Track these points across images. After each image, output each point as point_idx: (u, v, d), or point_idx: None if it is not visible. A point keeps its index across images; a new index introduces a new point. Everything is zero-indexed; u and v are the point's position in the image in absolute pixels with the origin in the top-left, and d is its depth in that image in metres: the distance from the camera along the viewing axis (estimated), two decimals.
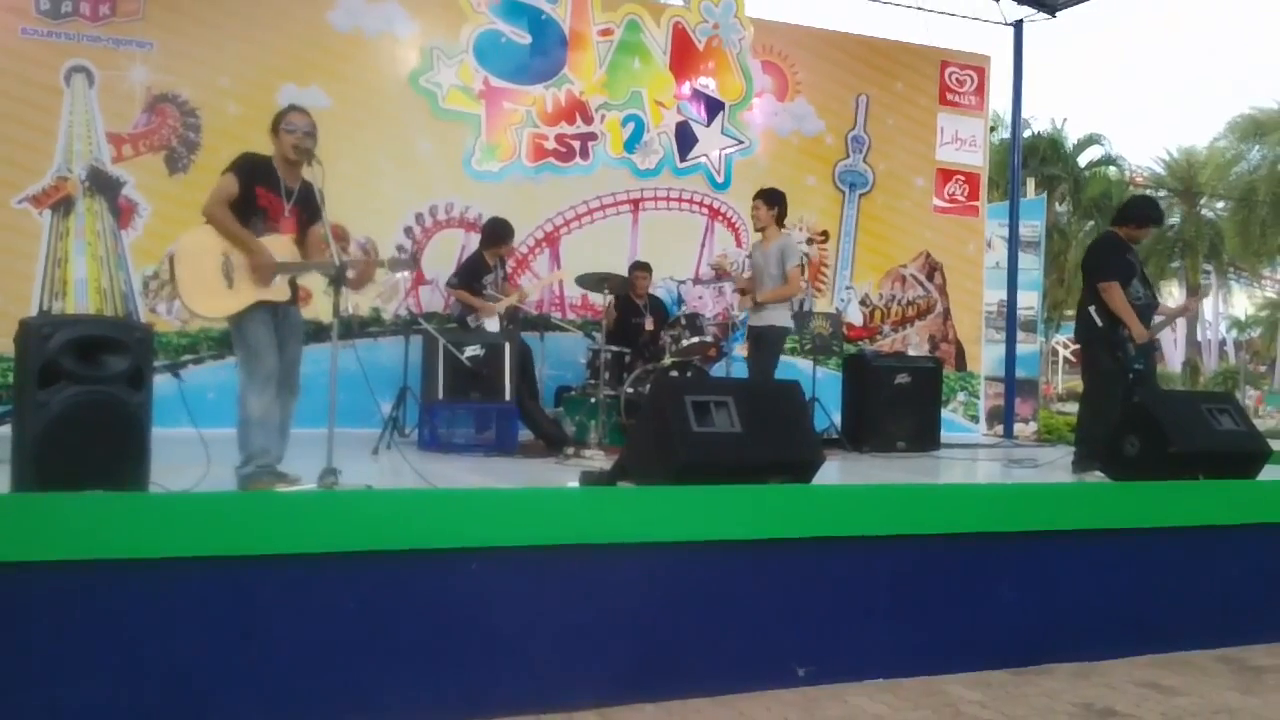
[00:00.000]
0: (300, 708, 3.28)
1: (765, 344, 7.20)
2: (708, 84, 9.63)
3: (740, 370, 8.81)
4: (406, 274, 6.61)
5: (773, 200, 7.32)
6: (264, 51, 8.08)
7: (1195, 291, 31.73)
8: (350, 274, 4.74)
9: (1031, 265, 12.21)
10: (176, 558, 3.12)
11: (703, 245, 9.56)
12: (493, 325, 7.33)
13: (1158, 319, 6.69)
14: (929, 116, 10.48)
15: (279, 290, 4.64)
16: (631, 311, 8.18)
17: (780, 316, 7.24)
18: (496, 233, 7.76)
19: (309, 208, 4.73)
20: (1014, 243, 10.90)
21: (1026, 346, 11.85)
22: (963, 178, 10.58)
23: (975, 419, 10.71)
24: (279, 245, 4.66)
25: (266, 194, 4.66)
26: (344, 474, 4.32)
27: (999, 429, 10.86)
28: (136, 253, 7.73)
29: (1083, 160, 32.32)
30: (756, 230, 7.53)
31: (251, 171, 4.66)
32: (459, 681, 3.47)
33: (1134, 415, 5.55)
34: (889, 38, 10.44)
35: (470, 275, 7.63)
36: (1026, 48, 10.74)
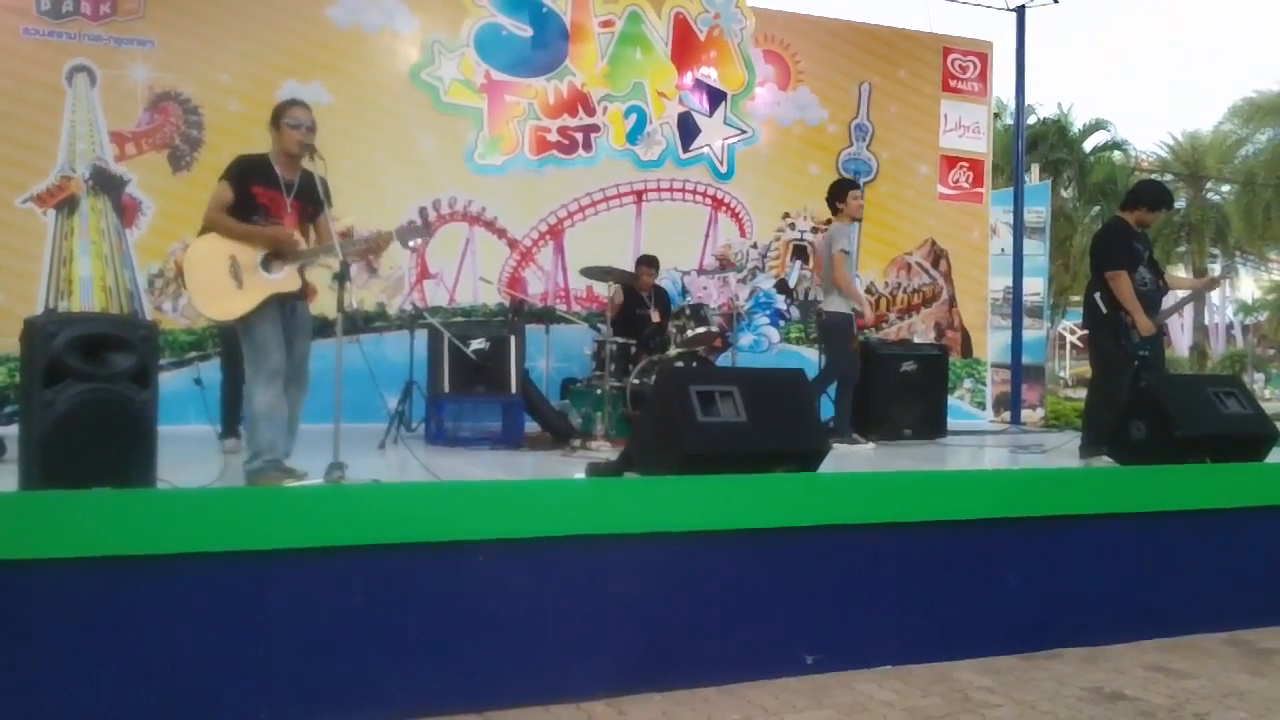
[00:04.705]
0: (310, 701, 3.30)
1: None
2: (709, 74, 9.60)
3: (742, 360, 8.80)
4: (419, 240, 6.03)
5: None
6: (265, 48, 8.08)
7: (1203, 275, 31.63)
8: (362, 247, 4.86)
9: (1037, 251, 12.18)
10: (184, 554, 3.13)
11: (706, 236, 9.54)
12: None
13: (1179, 295, 6.66)
14: (932, 104, 10.44)
15: (290, 281, 4.64)
16: (636, 303, 8.18)
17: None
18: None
19: (312, 199, 4.73)
20: (1019, 229, 10.86)
21: (1033, 332, 11.83)
22: (967, 164, 10.55)
23: (982, 405, 10.69)
24: None
25: (265, 191, 4.65)
26: (351, 468, 4.33)
27: (1006, 415, 10.84)
28: (141, 251, 7.74)
29: (1088, 145, 32.20)
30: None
31: (245, 173, 4.67)
32: (468, 673, 3.48)
33: (1140, 400, 5.54)
34: (891, 25, 10.42)
35: None
36: (1029, 34, 10.72)
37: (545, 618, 3.60)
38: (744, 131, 9.69)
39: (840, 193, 7.48)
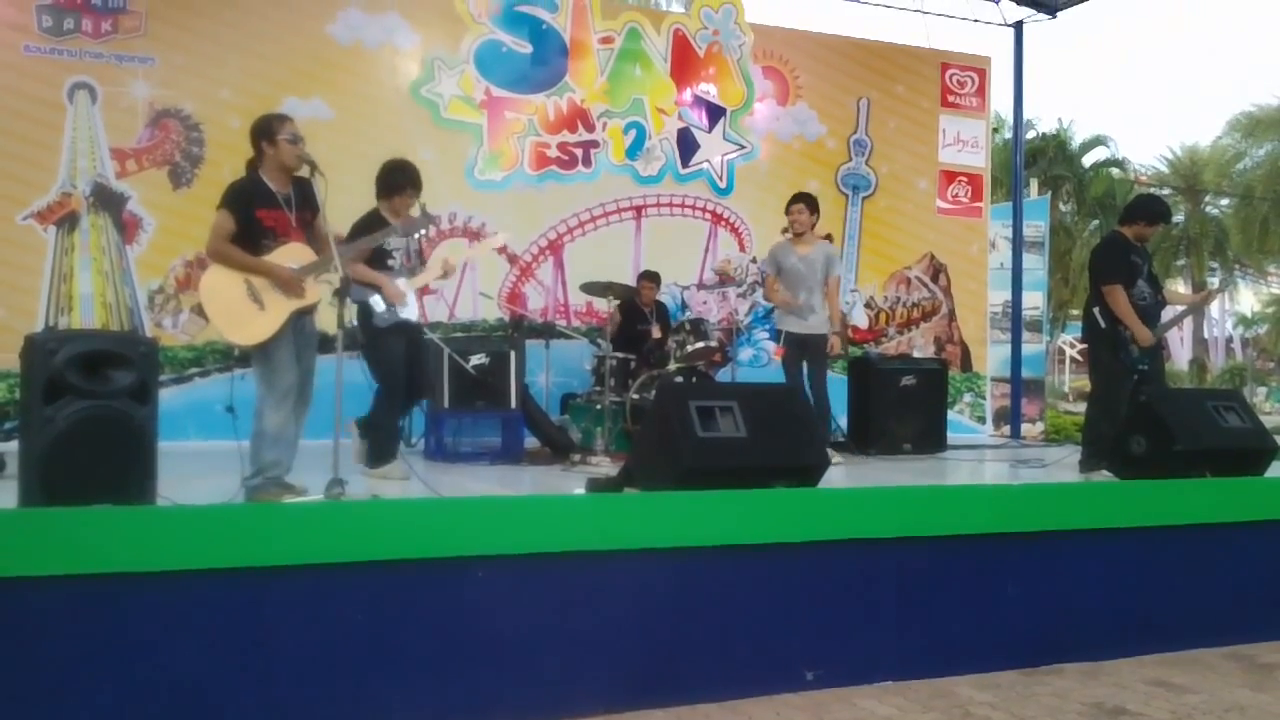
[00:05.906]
0: (309, 718, 3.29)
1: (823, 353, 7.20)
2: (709, 90, 9.63)
3: (742, 375, 8.81)
4: (425, 232, 5.55)
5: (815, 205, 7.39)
6: (266, 65, 8.10)
7: (1202, 289, 31.68)
8: (366, 244, 5.00)
9: (1036, 265, 12.18)
10: (184, 570, 3.13)
11: (706, 251, 9.56)
12: (408, 312, 5.63)
13: (1176, 309, 6.68)
14: (930, 118, 10.47)
15: (311, 293, 4.66)
16: (636, 318, 8.18)
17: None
18: (394, 179, 5.72)
19: (309, 204, 4.74)
20: (1018, 243, 10.88)
21: (1032, 347, 11.83)
22: (965, 179, 10.57)
23: (982, 420, 10.69)
24: (296, 254, 4.67)
25: (269, 213, 4.63)
26: (350, 484, 4.32)
27: (1005, 429, 10.84)
28: (141, 267, 7.75)
29: (1087, 161, 32.31)
30: (800, 234, 7.33)
31: (244, 198, 4.63)
32: (467, 689, 3.48)
33: (1140, 414, 5.53)
34: (889, 41, 10.45)
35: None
36: (1027, 49, 10.75)
37: (545, 634, 3.59)
38: (743, 147, 9.71)
39: (787, 208, 7.40)
